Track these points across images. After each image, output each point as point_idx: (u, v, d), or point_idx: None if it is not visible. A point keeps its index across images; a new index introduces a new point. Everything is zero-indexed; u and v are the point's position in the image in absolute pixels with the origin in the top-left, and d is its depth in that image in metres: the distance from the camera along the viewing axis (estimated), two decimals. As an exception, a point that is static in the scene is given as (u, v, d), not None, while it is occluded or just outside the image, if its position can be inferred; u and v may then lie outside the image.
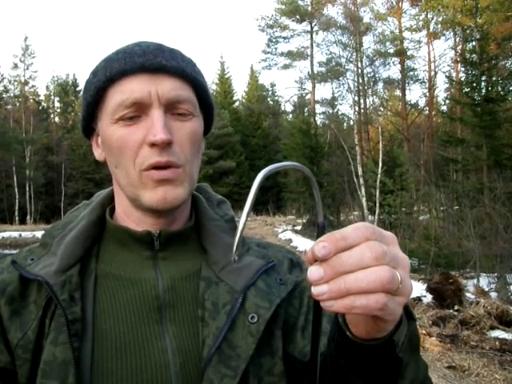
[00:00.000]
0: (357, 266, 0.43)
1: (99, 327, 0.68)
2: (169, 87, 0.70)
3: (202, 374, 0.66)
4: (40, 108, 53.29)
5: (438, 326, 5.67)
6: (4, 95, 46.20)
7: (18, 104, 47.52)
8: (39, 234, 32.82)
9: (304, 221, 24.45)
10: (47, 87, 55.82)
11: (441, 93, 45.41)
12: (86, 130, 0.79)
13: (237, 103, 47.98)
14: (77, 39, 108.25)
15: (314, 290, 0.44)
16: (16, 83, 47.05)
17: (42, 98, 54.81)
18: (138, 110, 0.69)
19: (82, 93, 0.78)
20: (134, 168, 0.70)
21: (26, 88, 48.84)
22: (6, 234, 31.86)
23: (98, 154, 0.78)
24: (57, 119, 55.57)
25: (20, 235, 32.32)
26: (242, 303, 0.70)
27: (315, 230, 0.49)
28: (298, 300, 0.77)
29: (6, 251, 26.96)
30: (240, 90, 49.72)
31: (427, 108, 26.72)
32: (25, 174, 41.88)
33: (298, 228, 24.04)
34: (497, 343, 4.94)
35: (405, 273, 0.46)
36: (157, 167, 0.68)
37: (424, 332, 5.38)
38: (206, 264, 0.75)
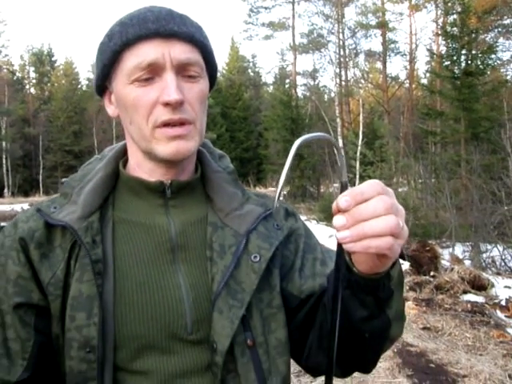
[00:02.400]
0: (372, 215, 0.56)
1: (119, 267, 0.77)
2: (180, 51, 0.76)
3: (212, 305, 0.76)
4: (14, 78, 51.71)
5: (415, 291, 5.91)
6: (-24, 64, 44.67)
7: (-9, 74, 46.11)
8: (18, 207, 32.43)
9: (285, 192, 24.68)
10: (21, 57, 54.08)
11: (422, 66, 45.49)
12: (98, 89, 0.85)
13: (217, 74, 47.40)
14: (51, 7, 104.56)
15: (338, 235, 0.57)
16: (-12, 52, 45.55)
17: (16, 67, 53.19)
18: (151, 72, 0.75)
19: (96, 54, 0.83)
20: (146, 124, 0.77)
21: None
22: (-17, 207, 31.40)
23: (112, 110, 0.84)
24: (32, 90, 54.06)
25: (-2, 208, 31.89)
26: (246, 245, 0.80)
27: (296, 201, 0.62)
28: (294, 245, 0.88)
29: (-15, 224, 26.60)
30: (221, 61, 48.99)
31: (408, 81, 26.84)
32: (1, 147, 40.95)
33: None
34: (468, 306, 5.19)
35: (403, 220, 0.59)
36: (169, 124, 0.76)
37: (401, 296, 5.65)
38: (211, 211, 0.85)
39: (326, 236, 11.14)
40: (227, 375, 0.74)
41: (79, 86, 52.39)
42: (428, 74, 24.82)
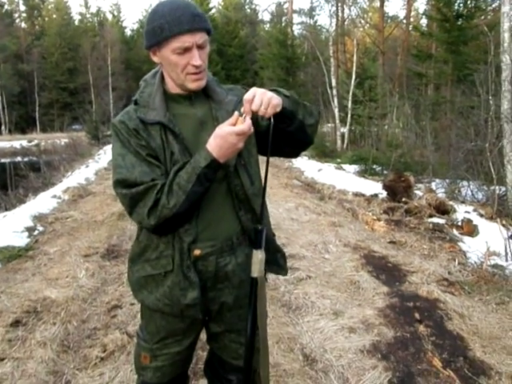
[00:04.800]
0: (260, 102, 1.34)
1: (184, 134, 1.50)
2: (199, 37, 1.41)
3: None
4: (3, 11, 50.30)
5: (388, 214, 6.78)
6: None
7: (-20, 6, 44.82)
8: (17, 143, 32.61)
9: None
10: (11, -12, 52.35)
11: (422, 6, 44.51)
12: (148, 48, 1.50)
13: (213, 11, 46.31)
14: None
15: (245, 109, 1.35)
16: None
17: (4, 0, 51.59)
18: (185, 50, 1.44)
19: (150, 34, 1.44)
20: (182, 73, 1.48)
21: (-12, -11, 45.85)
22: (-17, 144, 31.83)
23: (156, 59, 1.48)
24: (23, 25, 52.74)
25: (-3, 145, 32.30)
26: None
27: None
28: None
29: (-13, 161, 27.20)
30: (216, -4, 47.68)
31: (405, 22, 26.62)
32: (-4, 83, 40.69)
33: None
34: (430, 225, 6.06)
35: (272, 95, 1.36)
36: (194, 73, 1.48)
37: (374, 218, 6.53)
38: (213, 103, 1.58)
39: (315, 170, 11.97)
40: (234, 178, 1.53)
41: (72, 21, 51.22)
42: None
